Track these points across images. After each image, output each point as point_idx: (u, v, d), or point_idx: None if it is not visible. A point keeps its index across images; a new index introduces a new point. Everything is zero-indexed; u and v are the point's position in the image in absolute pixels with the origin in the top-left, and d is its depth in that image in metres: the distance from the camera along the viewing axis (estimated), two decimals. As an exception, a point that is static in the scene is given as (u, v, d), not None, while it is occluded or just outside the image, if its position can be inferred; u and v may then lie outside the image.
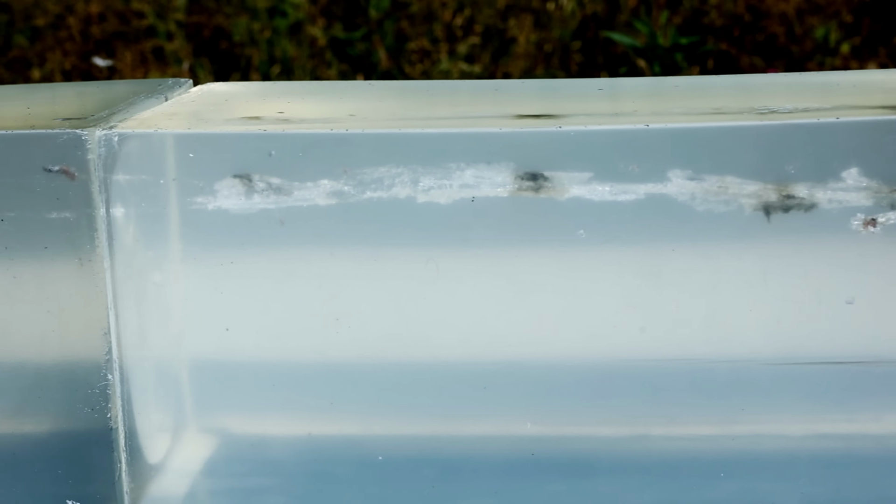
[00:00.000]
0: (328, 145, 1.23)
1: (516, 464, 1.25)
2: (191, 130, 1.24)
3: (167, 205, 1.26)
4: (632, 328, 1.23)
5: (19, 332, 1.27)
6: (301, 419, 1.30)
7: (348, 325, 1.25)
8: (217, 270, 1.27)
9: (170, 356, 1.29)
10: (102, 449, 1.27)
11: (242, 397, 1.30)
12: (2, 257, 1.25)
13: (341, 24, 4.38)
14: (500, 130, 1.20)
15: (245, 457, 1.32)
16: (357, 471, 1.30)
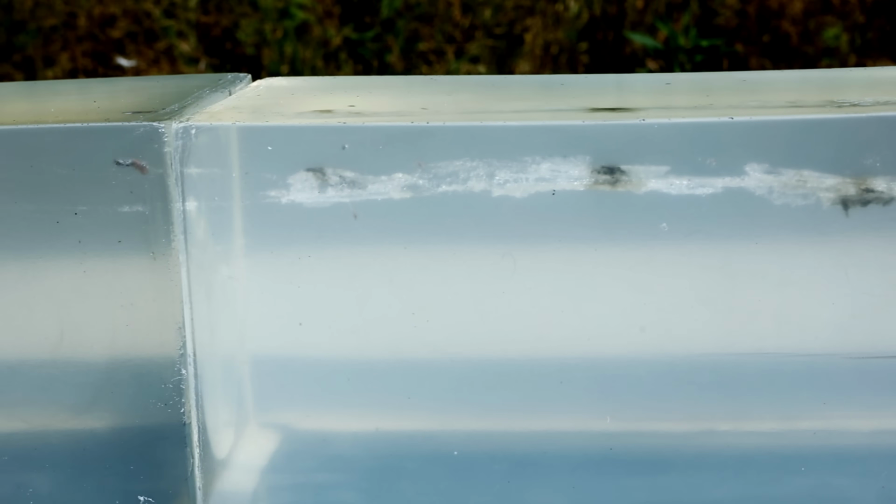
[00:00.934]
0: (404, 138, 1.22)
1: (594, 459, 1.25)
2: (265, 123, 1.23)
3: (240, 199, 1.25)
4: (710, 322, 1.23)
5: (91, 327, 1.26)
6: (369, 414, 1.29)
7: (425, 319, 1.24)
8: (290, 265, 1.26)
9: (241, 351, 1.28)
10: (175, 444, 1.26)
11: (311, 393, 1.29)
12: (75, 251, 1.24)
13: (352, 24, 4.38)
14: (580, 123, 1.20)
15: (312, 452, 1.31)
16: (427, 466, 1.29)
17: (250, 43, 4.17)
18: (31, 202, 1.23)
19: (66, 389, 1.27)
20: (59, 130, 1.21)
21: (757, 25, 4.12)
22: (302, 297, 1.26)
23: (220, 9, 4.35)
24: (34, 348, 1.27)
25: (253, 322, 1.27)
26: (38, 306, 1.26)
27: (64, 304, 1.26)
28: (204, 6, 4.34)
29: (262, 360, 1.28)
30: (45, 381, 1.27)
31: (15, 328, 1.26)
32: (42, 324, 1.26)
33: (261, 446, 1.31)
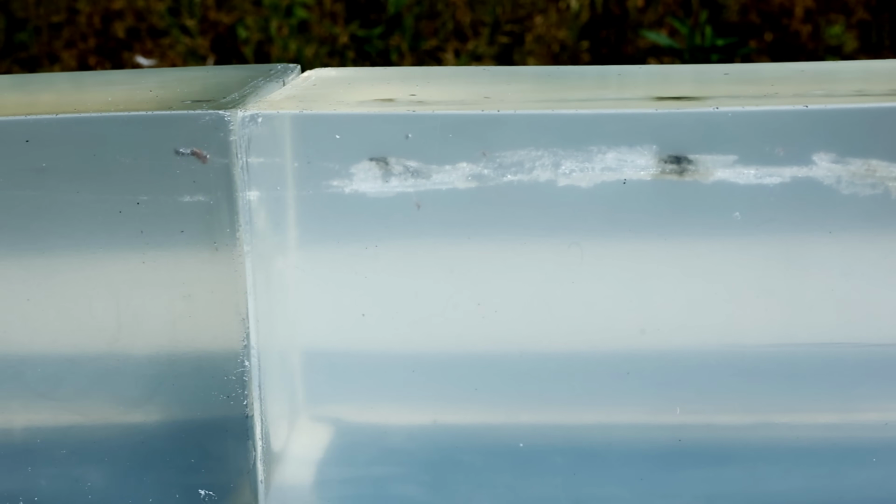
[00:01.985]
0: (470, 127, 1.21)
1: (661, 450, 1.24)
2: (332, 111, 1.21)
3: (302, 188, 1.23)
4: (777, 313, 1.22)
5: (150, 319, 1.24)
6: (429, 407, 1.28)
7: (491, 310, 1.23)
8: (353, 255, 1.24)
9: (301, 342, 1.26)
10: (237, 437, 1.25)
11: (370, 385, 1.28)
12: (137, 241, 1.22)
13: (358, 21, 4.36)
14: (652, 111, 1.19)
15: (370, 445, 1.30)
16: (490, 459, 1.28)
17: (255, 40, 4.15)
18: (94, 192, 1.21)
19: (124, 382, 1.25)
20: (122, 119, 1.20)
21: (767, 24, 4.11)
22: (365, 287, 1.25)
23: (222, 6, 4.33)
24: (92, 340, 1.26)
25: (314, 313, 1.25)
26: (96, 298, 1.24)
27: (122, 296, 1.24)
28: (207, 3, 4.32)
29: (322, 351, 1.27)
30: (104, 373, 1.25)
31: (73, 320, 1.25)
32: (100, 315, 1.24)
33: (318, 439, 1.30)
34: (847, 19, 4.07)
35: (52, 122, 1.20)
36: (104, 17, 4.20)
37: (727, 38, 3.34)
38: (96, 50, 4.20)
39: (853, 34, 4.25)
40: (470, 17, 4.56)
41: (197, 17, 4.23)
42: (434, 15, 4.49)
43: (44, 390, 1.26)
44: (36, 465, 1.27)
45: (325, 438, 1.29)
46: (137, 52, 3.79)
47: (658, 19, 4.44)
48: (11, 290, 1.24)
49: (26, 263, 1.23)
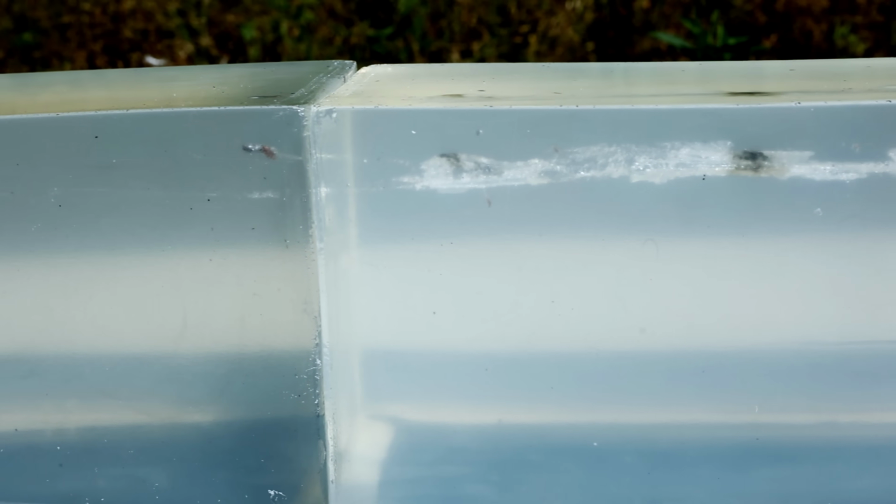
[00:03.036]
0: (543, 123, 1.20)
1: (739, 449, 1.23)
2: (407, 107, 1.20)
3: (373, 185, 1.22)
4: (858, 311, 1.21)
5: (218, 317, 1.23)
6: (498, 406, 1.27)
7: (568, 308, 1.22)
8: (423, 252, 1.23)
9: (371, 340, 1.25)
10: (308, 436, 1.23)
11: (440, 384, 1.26)
12: (207, 238, 1.21)
13: (368, 20, 4.35)
14: (733, 107, 1.17)
15: (439, 444, 1.28)
16: (560, 458, 1.26)
17: (260, 41, 4.14)
18: (164, 188, 1.19)
19: (192, 381, 1.24)
20: (194, 114, 1.18)
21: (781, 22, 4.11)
22: (437, 285, 1.23)
23: (228, 7, 4.31)
24: (158, 339, 1.24)
25: (385, 310, 1.24)
26: (164, 296, 1.23)
27: (190, 294, 1.23)
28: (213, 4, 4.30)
29: (392, 349, 1.26)
30: (171, 372, 1.24)
31: (139, 319, 1.23)
32: (167, 314, 1.23)
33: (387, 438, 1.28)
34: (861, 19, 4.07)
35: (123, 118, 1.18)
36: (109, 18, 4.17)
37: (739, 36, 3.33)
38: (104, 50, 4.17)
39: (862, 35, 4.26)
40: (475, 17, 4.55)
41: (204, 18, 4.21)
42: (442, 15, 4.48)
43: (110, 390, 1.24)
44: (102, 465, 1.25)
45: (394, 438, 1.28)
46: (145, 53, 3.77)
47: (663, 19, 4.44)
48: (76, 288, 1.23)
49: (94, 261, 1.22)
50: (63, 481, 1.27)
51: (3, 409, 1.25)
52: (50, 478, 1.26)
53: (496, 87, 1.30)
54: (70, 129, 1.19)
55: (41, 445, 1.26)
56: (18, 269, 1.23)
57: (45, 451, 1.26)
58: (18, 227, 1.21)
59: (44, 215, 1.20)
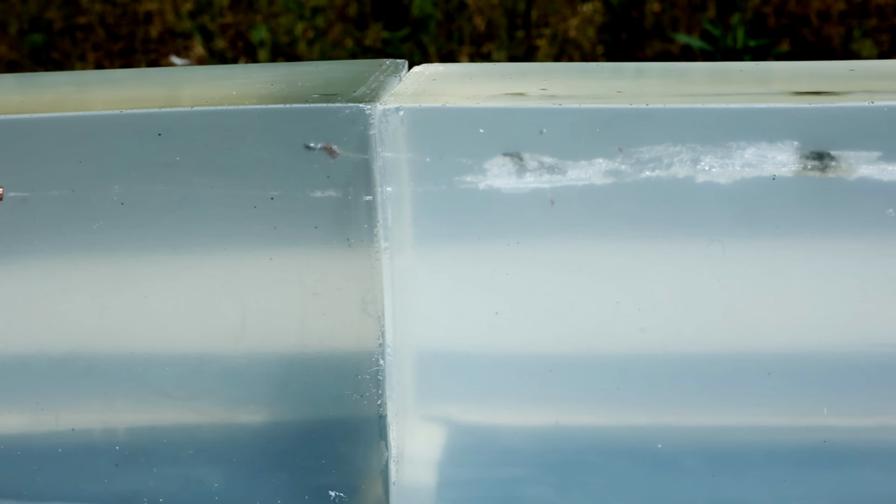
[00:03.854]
0: (609, 122, 1.19)
1: (805, 451, 1.22)
2: (474, 105, 1.19)
3: (436, 184, 1.21)
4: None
5: (280, 316, 1.22)
6: (562, 407, 1.26)
7: (635, 308, 1.21)
8: (487, 252, 1.22)
9: (434, 340, 1.24)
10: (370, 437, 1.22)
11: (504, 384, 1.25)
12: (270, 237, 1.20)
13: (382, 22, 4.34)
14: (805, 106, 1.17)
15: (499, 445, 1.27)
16: (623, 460, 1.25)
17: (270, 42, 4.13)
18: (228, 187, 1.18)
19: (252, 381, 1.23)
20: (259, 112, 1.17)
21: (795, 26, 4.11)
22: (499, 285, 1.22)
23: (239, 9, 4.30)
24: (218, 339, 1.23)
25: (448, 310, 1.23)
26: (224, 295, 1.21)
27: (251, 293, 1.21)
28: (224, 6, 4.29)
29: (454, 349, 1.25)
30: (230, 372, 1.23)
31: (198, 318, 1.22)
32: (227, 314, 1.22)
33: (447, 439, 1.27)
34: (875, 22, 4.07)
35: (187, 115, 1.17)
36: (120, 20, 4.16)
37: (759, 39, 3.33)
38: (119, 53, 4.16)
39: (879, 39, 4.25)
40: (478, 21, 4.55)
41: (217, 20, 4.20)
42: (454, 18, 4.47)
43: (168, 390, 1.23)
44: (160, 465, 1.24)
45: (452, 438, 1.27)
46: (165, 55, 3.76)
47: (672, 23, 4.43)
48: (135, 287, 1.22)
49: (155, 260, 1.21)
50: (120, 481, 1.25)
51: (59, 408, 1.24)
52: (107, 478, 1.25)
53: (557, 86, 1.29)
54: (133, 126, 1.18)
55: (98, 445, 1.25)
56: (77, 266, 1.22)
57: (101, 450, 1.25)
58: (79, 225, 1.20)
59: (105, 213, 1.19)
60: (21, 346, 1.23)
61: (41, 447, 1.24)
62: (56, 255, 1.21)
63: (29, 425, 1.24)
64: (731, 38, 3.35)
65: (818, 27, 4.03)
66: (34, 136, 1.19)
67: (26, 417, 1.24)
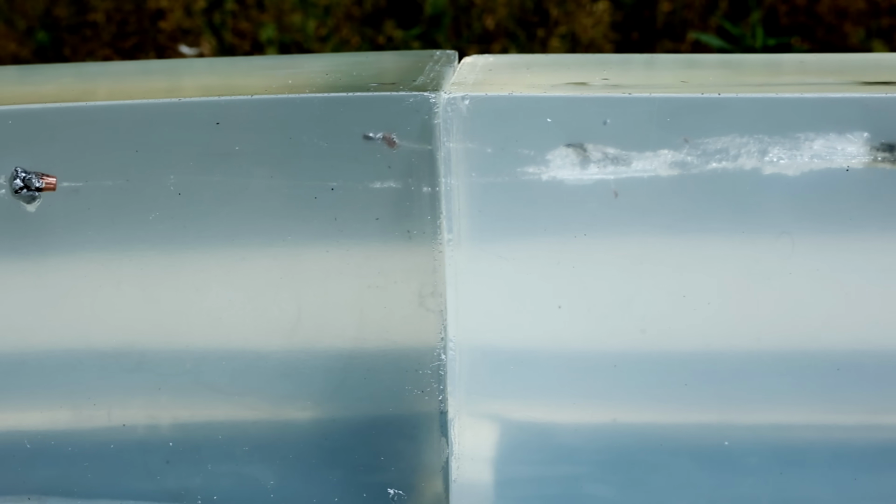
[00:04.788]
0: (683, 111, 1.16)
1: (875, 450, 1.19)
2: (541, 94, 1.16)
3: (498, 175, 1.18)
4: None
5: (338, 309, 1.19)
6: (626, 404, 1.23)
7: (704, 302, 1.18)
8: (550, 245, 1.20)
9: (494, 334, 1.21)
10: (431, 434, 1.20)
11: (566, 380, 1.23)
12: (330, 229, 1.17)
13: (395, 20, 4.31)
14: (880, 96, 1.14)
15: (560, 443, 1.25)
16: (687, 458, 1.23)
17: (289, 41, 4.10)
18: (289, 177, 1.16)
19: (308, 376, 1.20)
20: (320, 101, 1.15)
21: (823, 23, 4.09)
22: (563, 279, 1.20)
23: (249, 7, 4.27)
24: (275, 334, 1.20)
25: (508, 304, 1.20)
26: (281, 289, 1.19)
27: (308, 286, 1.19)
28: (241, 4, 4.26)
29: (514, 344, 1.22)
30: (286, 368, 1.20)
31: (254, 312, 1.20)
32: (284, 307, 1.19)
33: (506, 436, 1.25)
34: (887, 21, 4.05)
35: (246, 104, 1.15)
36: (125, 16, 4.14)
37: (779, 38, 3.31)
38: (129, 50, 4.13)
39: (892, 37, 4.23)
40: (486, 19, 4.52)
41: (228, 16, 4.17)
42: (466, 16, 4.45)
43: (222, 386, 1.21)
44: (215, 462, 1.22)
45: (512, 435, 1.24)
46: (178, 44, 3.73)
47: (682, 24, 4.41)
48: (189, 280, 1.19)
49: (212, 252, 1.18)
50: (171, 478, 1.23)
51: (109, 403, 1.22)
52: (159, 475, 1.22)
53: (618, 76, 1.26)
54: (191, 115, 1.15)
55: (150, 442, 1.22)
56: (131, 258, 1.19)
57: (153, 447, 1.22)
58: (134, 216, 1.17)
59: (162, 204, 1.16)
60: (72, 341, 1.20)
61: (93, 444, 1.22)
62: (110, 246, 1.18)
63: (80, 421, 1.21)
64: (749, 37, 3.33)
65: (835, 25, 4.02)
66: (88, 125, 1.16)
67: (78, 413, 1.21)
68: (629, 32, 4.62)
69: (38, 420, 1.21)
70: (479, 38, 4.53)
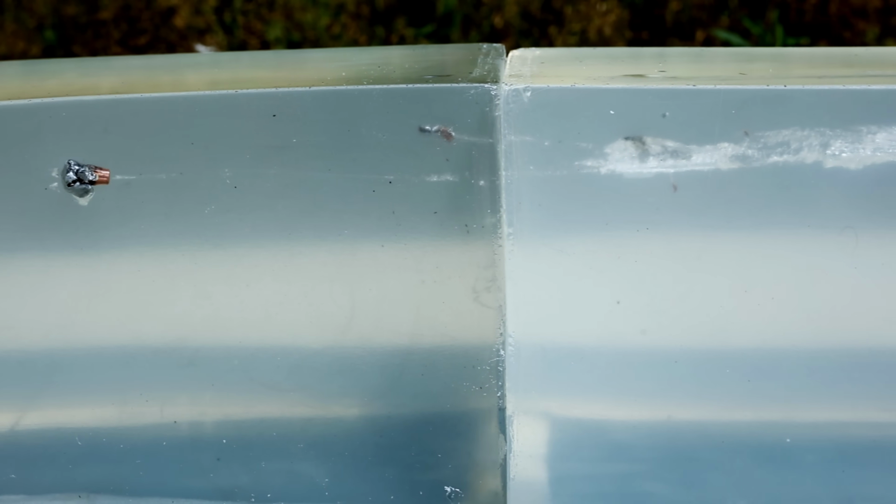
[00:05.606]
0: (749, 104, 1.15)
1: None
2: (605, 86, 1.15)
3: (556, 168, 1.17)
4: None
5: (395, 304, 1.17)
6: (686, 400, 1.21)
7: (768, 297, 1.16)
8: (609, 239, 1.18)
9: (551, 329, 1.20)
10: (490, 431, 1.18)
11: (624, 377, 1.21)
12: (388, 222, 1.15)
13: (406, 18, 4.30)
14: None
15: (617, 440, 1.23)
16: (748, 455, 1.21)
17: (311, 38, 4.09)
18: (347, 170, 1.14)
19: (364, 373, 1.19)
20: (380, 92, 1.13)
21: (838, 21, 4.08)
22: (622, 273, 1.18)
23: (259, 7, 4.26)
24: (330, 329, 1.19)
25: (566, 298, 1.19)
26: (336, 283, 1.17)
27: (362, 281, 1.17)
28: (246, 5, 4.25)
29: (572, 339, 1.20)
30: (341, 364, 1.18)
31: (309, 307, 1.18)
32: (339, 302, 1.17)
33: (562, 433, 1.23)
34: None
35: (304, 95, 1.13)
36: (135, 14, 4.12)
37: (799, 37, 3.29)
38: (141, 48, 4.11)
39: None
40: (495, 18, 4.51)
41: (238, 15, 4.16)
42: (477, 13, 4.43)
43: (276, 382, 1.19)
44: (268, 459, 1.20)
45: (568, 432, 1.23)
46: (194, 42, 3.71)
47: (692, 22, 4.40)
48: (242, 275, 1.17)
49: (267, 246, 1.16)
50: (222, 476, 1.21)
51: (161, 399, 1.20)
52: (212, 472, 1.20)
53: (674, 69, 1.24)
54: (248, 107, 1.13)
55: (202, 438, 1.20)
56: (183, 252, 1.17)
57: (205, 444, 1.20)
58: (189, 210, 1.15)
59: (218, 198, 1.15)
60: (124, 337, 1.18)
61: (144, 441, 1.20)
62: (163, 240, 1.16)
63: (132, 418, 1.19)
64: (769, 36, 3.32)
65: (851, 23, 4.00)
66: (142, 117, 1.14)
67: (129, 410, 1.19)
68: (639, 31, 4.60)
69: (90, 417, 1.19)
70: (487, 36, 4.52)
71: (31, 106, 1.13)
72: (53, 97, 1.13)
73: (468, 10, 4.50)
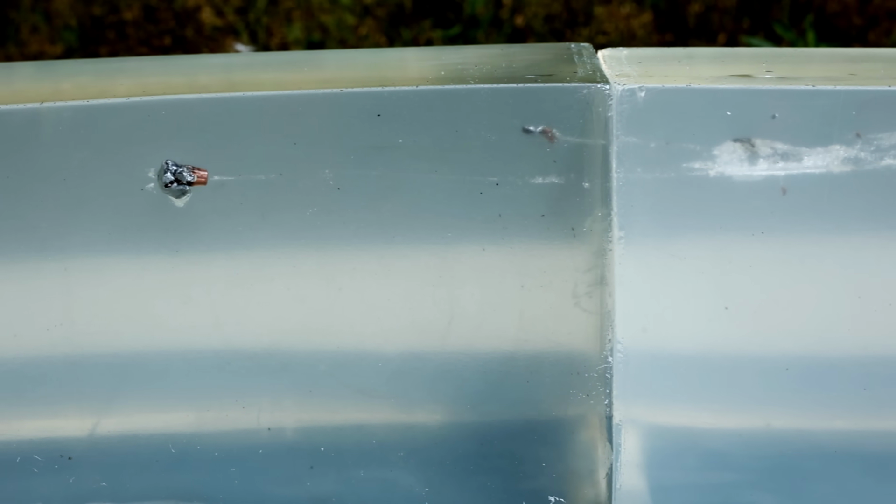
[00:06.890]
0: (870, 105, 1.12)
1: None
2: (719, 86, 1.12)
3: (664, 170, 1.14)
4: None
5: (498, 309, 1.15)
6: (793, 409, 1.19)
7: (886, 303, 1.14)
8: (721, 243, 1.15)
9: (658, 335, 1.17)
10: (597, 439, 1.15)
11: (729, 385, 1.18)
12: (495, 225, 1.12)
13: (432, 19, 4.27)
14: None
15: (721, 450, 1.20)
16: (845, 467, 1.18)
17: (336, 38, 4.06)
18: (453, 171, 1.11)
19: (466, 379, 1.16)
20: (487, 92, 1.10)
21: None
22: (730, 279, 1.15)
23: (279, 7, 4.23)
24: (429, 335, 1.16)
25: (674, 304, 1.16)
26: (438, 287, 1.14)
27: (464, 286, 1.14)
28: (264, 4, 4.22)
29: (679, 345, 1.17)
30: (443, 371, 1.15)
31: (411, 312, 1.15)
32: (439, 307, 1.14)
33: (667, 442, 1.20)
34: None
35: (410, 95, 1.10)
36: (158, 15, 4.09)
37: (831, 43, 3.26)
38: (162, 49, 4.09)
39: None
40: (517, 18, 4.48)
41: (262, 15, 4.13)
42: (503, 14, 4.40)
43: (373, 389, 1.16)
44: (366, 468, 1.17)
45: (675, 441, 1.20)
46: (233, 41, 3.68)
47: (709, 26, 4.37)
48: (339, 278, 1.14)
49: (369, 249, 1.13)
50: (317, 484, 1.18)
51: (257, 406, 1.17)
52: (309, 480, 1.17)
53: (780, 69, 1.22)
54: (351, 106, 1.10)
55: (297, 446, 1.17)
56: (282, 255, 1.14)
57: (301, 452, 1.17)
58: (289, 212, 1.12)
59: (320, 199, 1.12)
60: (220, 341, 1.15)
61: (240, 448, 1.17)
62: (260, 242, 1.13)
63: (227, 424, 1.16)
64: (801, 42, 3.29)
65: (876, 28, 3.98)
66: (242, 116, 1.11)
67: (225, 416, 1.16)
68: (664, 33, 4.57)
69: (185, 423, 1.16)
70: (509, 37, 4.48)
71: (130, 104, 1.10)
72: (153, 95, 1.10)
73: (494, 10, 4.47)
